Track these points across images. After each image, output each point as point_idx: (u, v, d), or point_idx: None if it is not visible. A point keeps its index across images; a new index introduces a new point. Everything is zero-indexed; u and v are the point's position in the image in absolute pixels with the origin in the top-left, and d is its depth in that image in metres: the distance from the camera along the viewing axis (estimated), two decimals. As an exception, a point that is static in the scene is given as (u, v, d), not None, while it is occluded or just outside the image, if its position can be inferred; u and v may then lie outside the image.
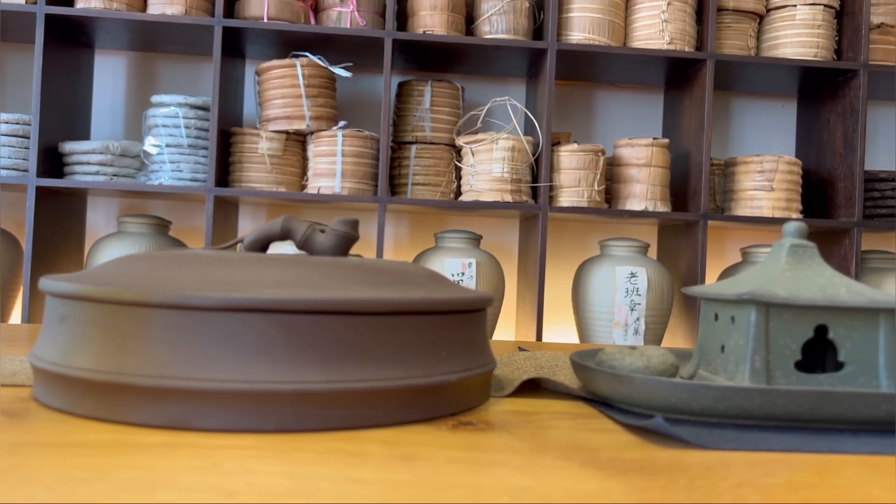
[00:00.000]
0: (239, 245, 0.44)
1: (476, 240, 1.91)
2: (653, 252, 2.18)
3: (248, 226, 2.09)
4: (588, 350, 0.47)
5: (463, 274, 1.86)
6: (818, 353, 0.44)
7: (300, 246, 0.43)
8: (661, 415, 0.39)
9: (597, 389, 0.42)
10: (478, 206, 1.83)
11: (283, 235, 0.43)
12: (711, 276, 2.18)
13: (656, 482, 0.28)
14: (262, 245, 0.43)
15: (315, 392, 0.32)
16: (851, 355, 0.41)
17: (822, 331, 0.42)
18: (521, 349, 0.62)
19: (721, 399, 0.37)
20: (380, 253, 1.81)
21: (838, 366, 0.41)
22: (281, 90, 1.82)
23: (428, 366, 0.36)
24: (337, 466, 0.28)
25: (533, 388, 0.47)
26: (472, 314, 0.40)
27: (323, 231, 0.43)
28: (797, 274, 0.42)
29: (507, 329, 2.17)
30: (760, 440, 0.35)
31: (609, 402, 0.42)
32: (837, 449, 0.34)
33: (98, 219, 2.04)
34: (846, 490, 0.28)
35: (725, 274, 1.97)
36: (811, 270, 0.42)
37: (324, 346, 0.33)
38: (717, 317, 0.45)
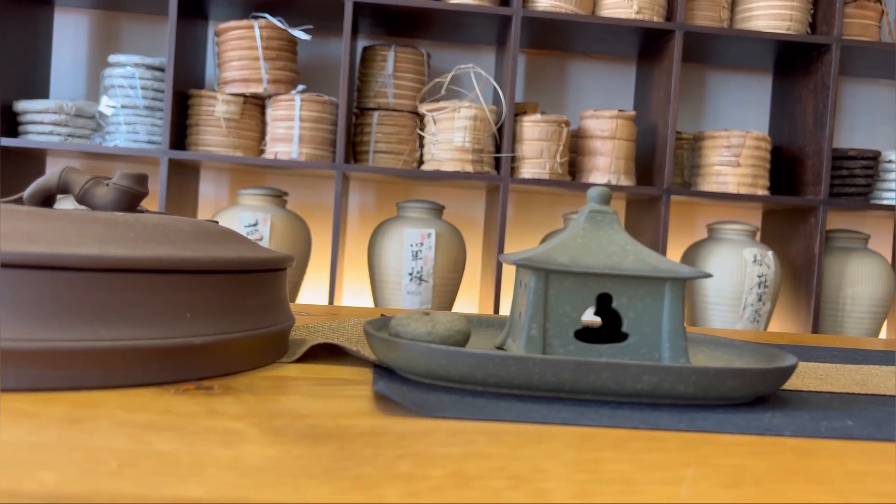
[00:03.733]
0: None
1: (438, 210, 1.89)
2: (619, 226, 2.16)
3: (210, 190, 2.07)
4: (394, 315, 0.46)
5: (422, 244, 1.85)
6: (616, 324, 0.43)
7: (79, 200, 0.41)
8: (429, 381, 0.38)
9: (375, 355, 0.40)
10: (438, 176, 1.81)
11: (62, 188, 0.41)
12: (677, 252, 2.16)
13: (321, 450, 0.26)
14: (41, 198, 0.42)
15: (14, 350, 0.31)
16: (634, 326, 0.39)
17: (610, 300, 0.40)
18: (382, 316, 0.60)
19: (477, 366, 0.36)
20: (338, 221, 1.80)
21: (624, 336, 0.39)
22: (238, 52, 1.80)
23: (162, 327, 0.34)
24: (-18, 425, 0.26)
25: (341, 354, 0.46)
26: (239, 275, 0.38)
27: (108, 185, 0.41)
28: (589, 240, 0.40)
29: (470, 300, 2.16)
30: (504, 410, 0.34)
31: (392, 369, 0.41)
32: (577, 421, 0.32)
33: (58, 180, 2.02)
34: (520, 462, 0.26)
35: (690, 250, 1.95)
36: (605, 237, 0.41)
37: (29, 302, 0.31)
38: (521, 283, 0.43)
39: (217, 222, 0.45)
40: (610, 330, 0.44)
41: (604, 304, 0.43)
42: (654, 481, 0.25)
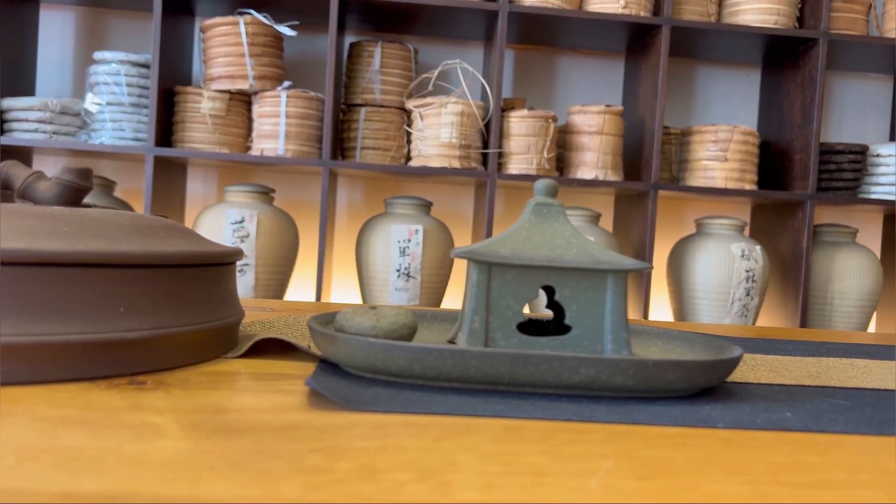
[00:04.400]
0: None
1: (426, 206, 1.89)
2: (609, 222, 2.16)
3: (198, 188, 2.07)
4: (340, 310, 0.45)
5: (409, 241, 1.84)
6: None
7: (20, 195, 0.41)
8: (370, 375, 0.38)
9: (319, 349, 0.40)
10: (425, 172, 1.80)
11: (3, 183, 0.41)
12: (665, 247, 2.16)
13: (234, 444, 0.26)
14: (-18, 193, 0.41)
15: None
16: (577, 318, 0.39)
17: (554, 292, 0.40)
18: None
19: (415, 360, 0.35)
20: (325, 217, 1.79)
21: (567, 329, 0.39)
22: (224, 48, 1.79)
23: (93, 322, 0.34)
24: None
25: (293, 350, 0.45)
26: (178, 270, 0.38)
27: (51, 180, 0.41)
28: (534, 233, 0.40)
29: (459, 296, 2.16)
30: (438, 403, 0.33)
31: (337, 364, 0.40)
32: (509, 413, 0.32)
33: (45, 177, 2.01)
34: (436, 455, 0.26)
35: (678, 245, 1.94)
36: (551, 230, 0.40)
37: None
38: (469, 277, 0.43)
39: (167, 216, 0.45)
40: (558, 322, 0.44)
41: (553, 297, 0.43)
42: (567, 473, 0.25)
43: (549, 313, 0.77)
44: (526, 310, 1.90)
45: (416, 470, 0.24)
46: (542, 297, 1.84)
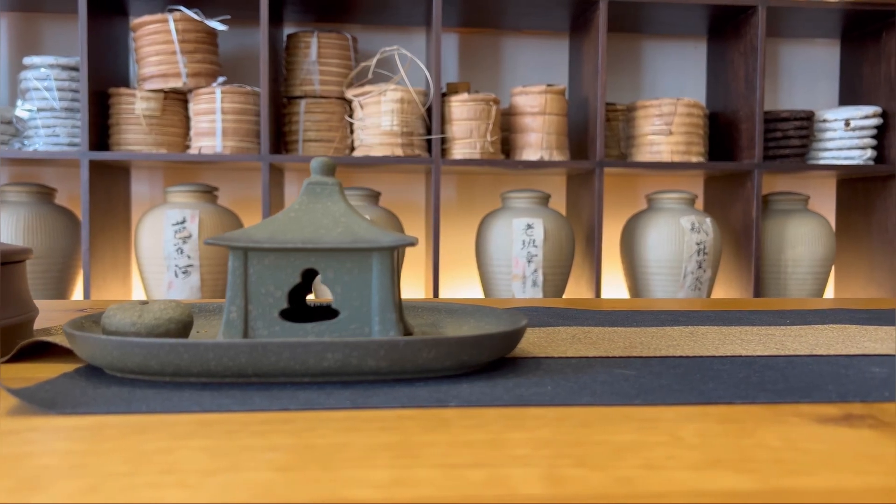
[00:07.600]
0: None
1: (373, 196, 1.86)
2: (561, 203, 2.14)
3: (144, 190, 2.04)
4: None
5: (357, 231, 1.82)
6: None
7: None
8: (120, 374, 0.35)
9: (73, 349, 0.38)
10: (367, 162, 1.78)
11: None
12: (616, 225, 2.14)
13: None
14: None
15: None
16: (343, 300, 0.37)
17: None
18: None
19: (150, 356, 0.33)
20: (267, 213, 1.77)
21: (336, 313, 0.37)
22: (155, 46, 1.76)
23: None
24: None
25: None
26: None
27: None
28: (303, 214, 0.38)
29: (416, 286, 2.14)
30: (161, 401, 0.31)
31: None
32: (230, 407, 0.30)
33: (-16, 188, 1.98)
34: (77, 458, 0.24)
35: (630, 221, 1.93)
36: (322, 210, 0.38)
37: None
38: (253, 264, 0.41)
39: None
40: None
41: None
42: (200, 472, 0.23)
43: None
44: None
45: (21, 479, 0.22)
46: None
